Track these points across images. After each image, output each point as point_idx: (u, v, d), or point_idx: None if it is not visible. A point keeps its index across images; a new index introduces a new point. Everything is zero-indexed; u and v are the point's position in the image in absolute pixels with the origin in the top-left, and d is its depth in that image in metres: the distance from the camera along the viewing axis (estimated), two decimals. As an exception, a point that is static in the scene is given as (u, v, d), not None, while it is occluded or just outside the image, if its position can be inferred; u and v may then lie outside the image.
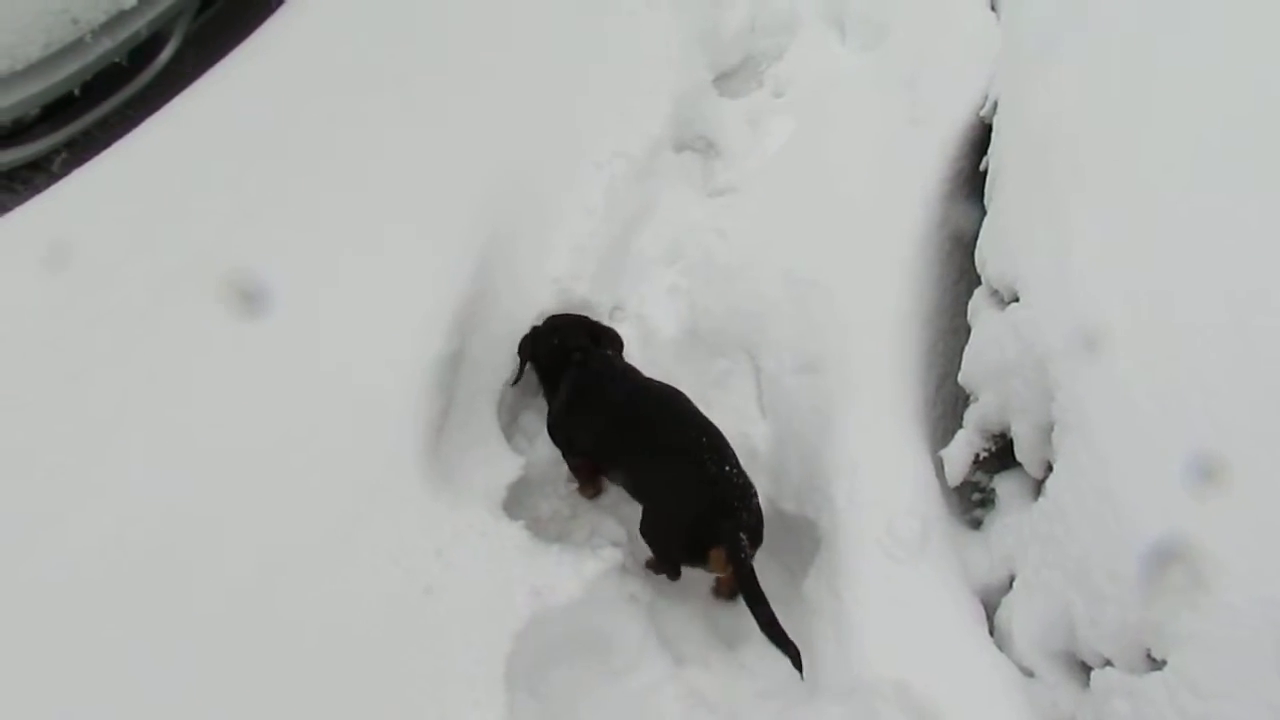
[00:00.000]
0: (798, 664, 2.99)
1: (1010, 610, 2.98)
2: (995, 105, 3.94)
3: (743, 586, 3.07)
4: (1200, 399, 2.57)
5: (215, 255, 3.53)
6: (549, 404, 3.63)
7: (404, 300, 3.57)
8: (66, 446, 3.09)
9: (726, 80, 4.86)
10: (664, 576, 3.40)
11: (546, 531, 3.50)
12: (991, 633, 3.02)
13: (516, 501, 3.50)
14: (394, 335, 3.49)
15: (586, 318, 3.72)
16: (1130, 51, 3.42)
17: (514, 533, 3.30)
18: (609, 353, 3.61)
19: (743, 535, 3.10)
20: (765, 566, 3.32)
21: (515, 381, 3.65)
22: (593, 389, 3.47)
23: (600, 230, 4.02)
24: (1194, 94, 3.15)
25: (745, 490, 3.20)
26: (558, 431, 3.58)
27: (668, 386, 3.49)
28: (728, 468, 3.21)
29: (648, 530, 3.30)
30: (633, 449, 3.36)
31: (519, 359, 3.63)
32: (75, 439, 3.10)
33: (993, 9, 4.58)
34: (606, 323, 3.81)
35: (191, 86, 3.95)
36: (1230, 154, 2.95)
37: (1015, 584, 3.01)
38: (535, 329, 3.65)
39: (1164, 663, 2.44)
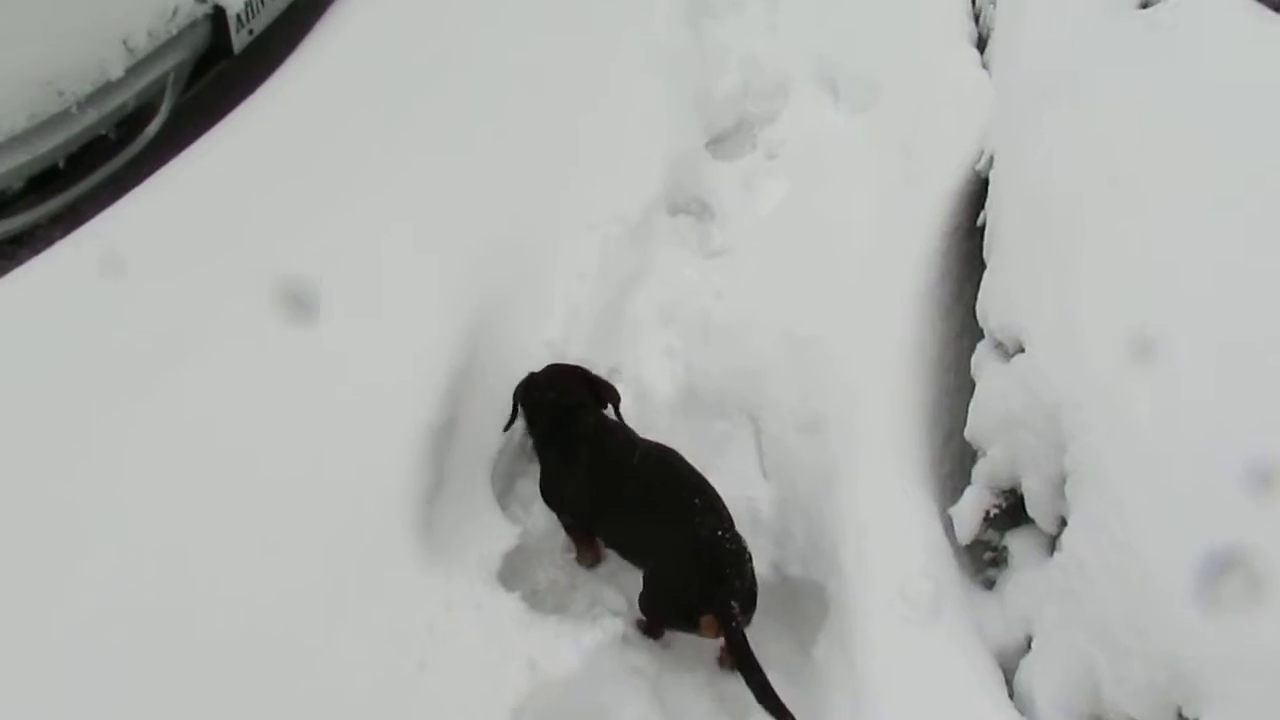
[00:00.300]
0: None
1: (1030, 672, 2.86)
2: (990, 159, 3.92)
3: (734, 654, 3.01)
4: (1218, 439, 2.49)
5: (202, 326, 3.46)
6: (540, 459, 3.53)
7: (396, 369, 3.50)
8: (44, 519, 2.99)
9: (720, 143, 4.87)
10: (656, 640, 3.34)
11: (544, 602, 3.38)
12: (1011, 696, 2.89)
13: (513, 572, 3.39)
14: (386, 405, 3.42)
15: (585, 369, 3.63)
16: (1125, 98, 3.41)
17: (510, 604, 3.20)
18: (605, 408, 3.52)
19: (734, 602, 3.03)
20: (773, 632, 3.23)
21: (508, 427, 3.55)
22: (585, 447, 3.38)
23: (595, 293, 3.97)
24: (1192, 137, 3.13)
25: (738, 555, 3.12)
26: (550, 491, 3.48)
27: (662, 446, 3.40)
28: (721, 531, 3.13)
29: (641, 596, 3.23)
30: (624, 511, 3.28)
31: (513, 404, 3.54)
32: (54, 510, 3.01)
33: (984, 66, 4.60)
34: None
35: (177, 157, 3.92)
36: (1232, 197, 2.92)
37: (1034, 644, 2.89)
38: (532, 376, 3.56)
39: (1196, 721, 2.33)
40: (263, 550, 3.06)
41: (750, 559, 3.15)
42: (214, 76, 4.42)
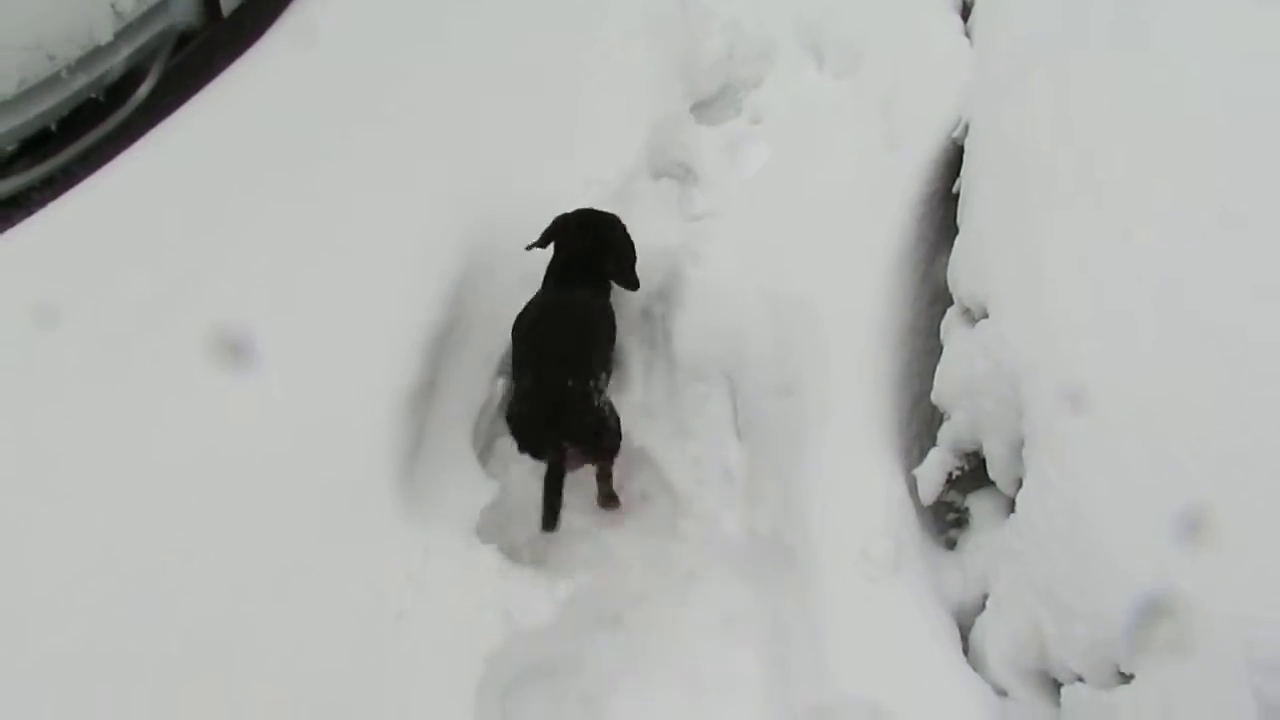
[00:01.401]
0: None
1: (984, 629, 2.96)
2: (967, 127, 3.96)
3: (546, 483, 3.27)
4: (1168, 412, 2.55)
5: (187, 288, 3.55)
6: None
7: (379, 329, 3.58)
8: (31, 475, 3.09)
9: (704, 108, 4.89)
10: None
11: (520, 555, 3.46)
12: (966, 652, 3.00)
13: (491, 525, 3.48)
14: (369, 363, 3.50)
15: (615, 222, 3.92)
16: (1102, 70, 3.44)
17: (487, 556, 3.28)
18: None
19: (565, 441, 3.31)
20: (741, 588, 3.33)
21: (529, 247, 3.82)
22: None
23: (576, 256, 4.00)
24: (1168, 111, 3.15)
25: (565, 402, 3.37)
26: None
27: (557, 303, 3.68)
28: (571, 381, 3.40)
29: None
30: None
31: (545, 232, 3.82)
32: (41, 466, 3.11)
33: (967, 34, 4.62)
34: None
35: (167, 120, 3.97)
36: (1204, 171, 2.95)
37: (988, 603, 2.99)
38: (565, 218, 3.87)
39: (1132, 677, 2.42)
40: (241, 505, 3.14)
41: (584, 399, 3.40)
42: (203, 39, 4.45)
